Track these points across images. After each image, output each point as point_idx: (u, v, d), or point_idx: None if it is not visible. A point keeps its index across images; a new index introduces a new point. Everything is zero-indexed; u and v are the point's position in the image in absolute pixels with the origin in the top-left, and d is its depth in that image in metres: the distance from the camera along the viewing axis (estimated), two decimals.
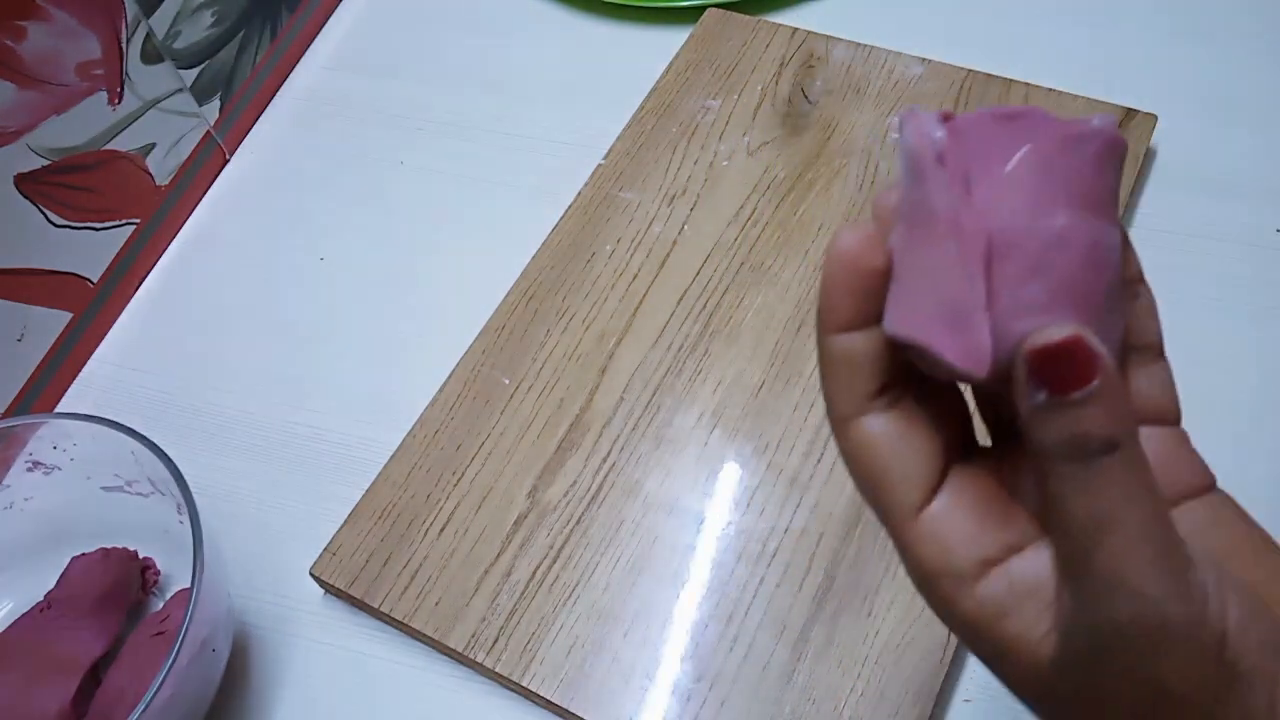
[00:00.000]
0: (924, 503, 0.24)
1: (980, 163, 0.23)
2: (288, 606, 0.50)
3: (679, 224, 0.59)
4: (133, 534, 0.50)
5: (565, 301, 0.56)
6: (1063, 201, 0.22)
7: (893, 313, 0.24)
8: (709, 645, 0.46)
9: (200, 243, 0.65)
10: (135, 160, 0.61)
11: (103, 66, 0.57)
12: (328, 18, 0.74)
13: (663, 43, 0.67)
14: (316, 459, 0.55)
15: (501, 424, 0.53)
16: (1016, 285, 0.22)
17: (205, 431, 0.56)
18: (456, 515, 0.50)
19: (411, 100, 0.69)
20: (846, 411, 0.25)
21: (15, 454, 0.48)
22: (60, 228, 0.57)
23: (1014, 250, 0.22)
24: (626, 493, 0.50)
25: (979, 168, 0.23)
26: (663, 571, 0.48)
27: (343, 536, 0.50)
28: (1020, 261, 0.22)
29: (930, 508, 0.24)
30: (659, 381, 0.53)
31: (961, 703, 0.45)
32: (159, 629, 0.46)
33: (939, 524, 0.24)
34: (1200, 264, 0.56)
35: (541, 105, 0.67)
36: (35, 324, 0.56)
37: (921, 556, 0.24)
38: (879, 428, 0.24)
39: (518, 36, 0.71)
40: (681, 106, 0.63)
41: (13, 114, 0.53)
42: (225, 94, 0.67)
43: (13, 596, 0.50)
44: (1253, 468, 0.49)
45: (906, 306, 0.24)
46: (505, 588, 0.48)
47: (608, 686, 0.45)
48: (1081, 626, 0.22)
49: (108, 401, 0.58)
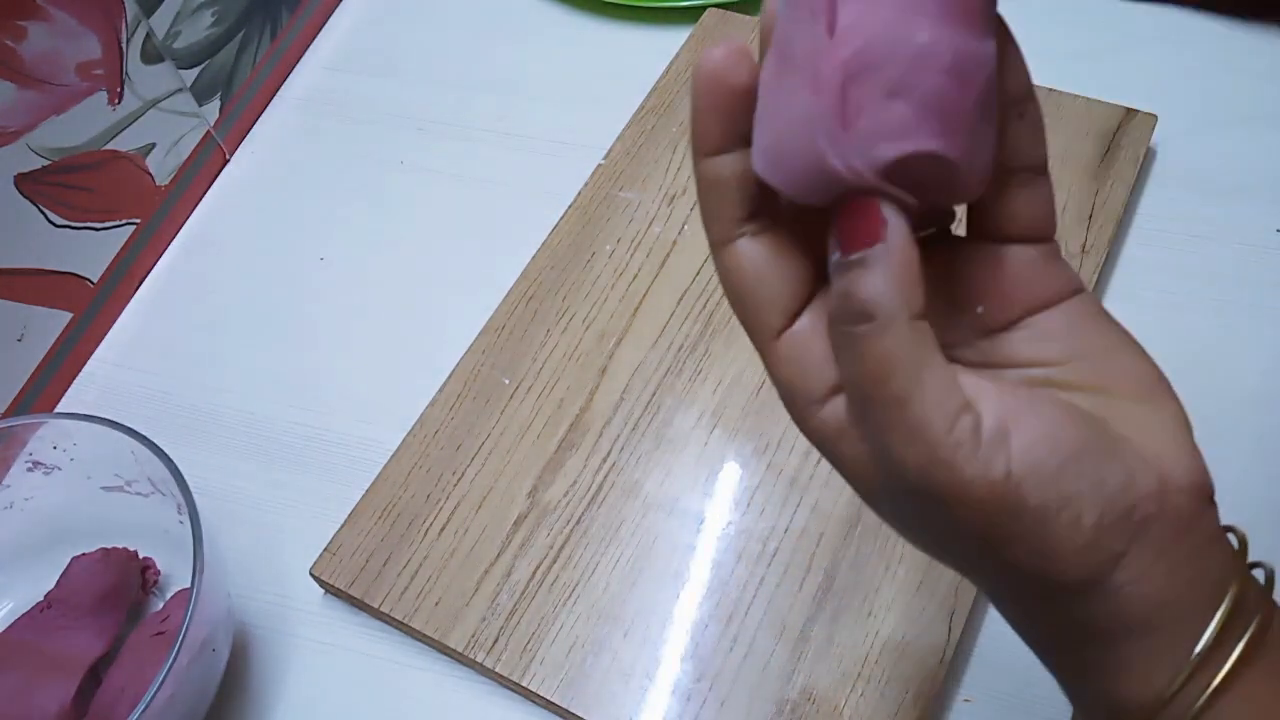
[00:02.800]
0: (786, 325, 0.25)
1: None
2: (288, 606, 0.50)
3: (679, 224, 0.59)
4: (133, 534, 0.50)
5: (565, 301, 0.56)
6: (928, 15, 0.21)
7: (754, 146, 0.24)
8: (709, 645, 0.46)
9: (200, 243, 0.65)
10: (135, 160, 0.61)
11: (103, 66, 0.57)
12: (328, 18, 0.74)
13: (663, 43, 0.67)
14: (316, 459, 0.55)
15: (501, 424, 0.53)
16: (877, 109, 0.21)
17: (205, 431, 0.56)
18: (456, 515, 0.50)
19: (411, 100, 0.69)
20: (719, 236, 0.26)
21: (15, 454, 0.48)
22: (60, 228, 0.57)
23: (873, 72, 0.21)
24: (626, 493, 0.50)
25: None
26: (663, 571, 0.48)
27: (343, 536, 0.50)
28: (880, 83, 0.21)
29: (791, 330, 0.25)
30: (659, 381, 0.53)
31: (961, 703, 0.45)
32: (159, 629, 0.46)
33: (796, 348, 0.25)
34: (1200, 264, 0.56)
35: (541, 105, 0.67)
36: (35, 324, 0.56)
37: (778, 376, 0.26)
38: (747, 252, 0.25)
39: (518, 36, 0.71)
40: (681, 106, 0.63)
41: (13, 114, 0.53)
42: (225, 94, 0.67)
43: (13, 596, 0.50)
44: (1253, 467, 0.49)
45: (763, 139, 0.24)
46: (505, 588, 0.48)
47: (608, 686, 0.45)
48: (880, 467, 0.24)
49: (108, 401, 0.58)
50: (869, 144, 0.22)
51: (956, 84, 0.22)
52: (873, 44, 0.21)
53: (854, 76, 0.21)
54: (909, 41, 0.21)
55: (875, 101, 0.21)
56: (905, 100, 0.21)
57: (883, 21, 0.21)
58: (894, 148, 0.21)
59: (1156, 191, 0.59)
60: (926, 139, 0.21)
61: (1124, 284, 0.55)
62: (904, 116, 0.21)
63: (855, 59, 0.21)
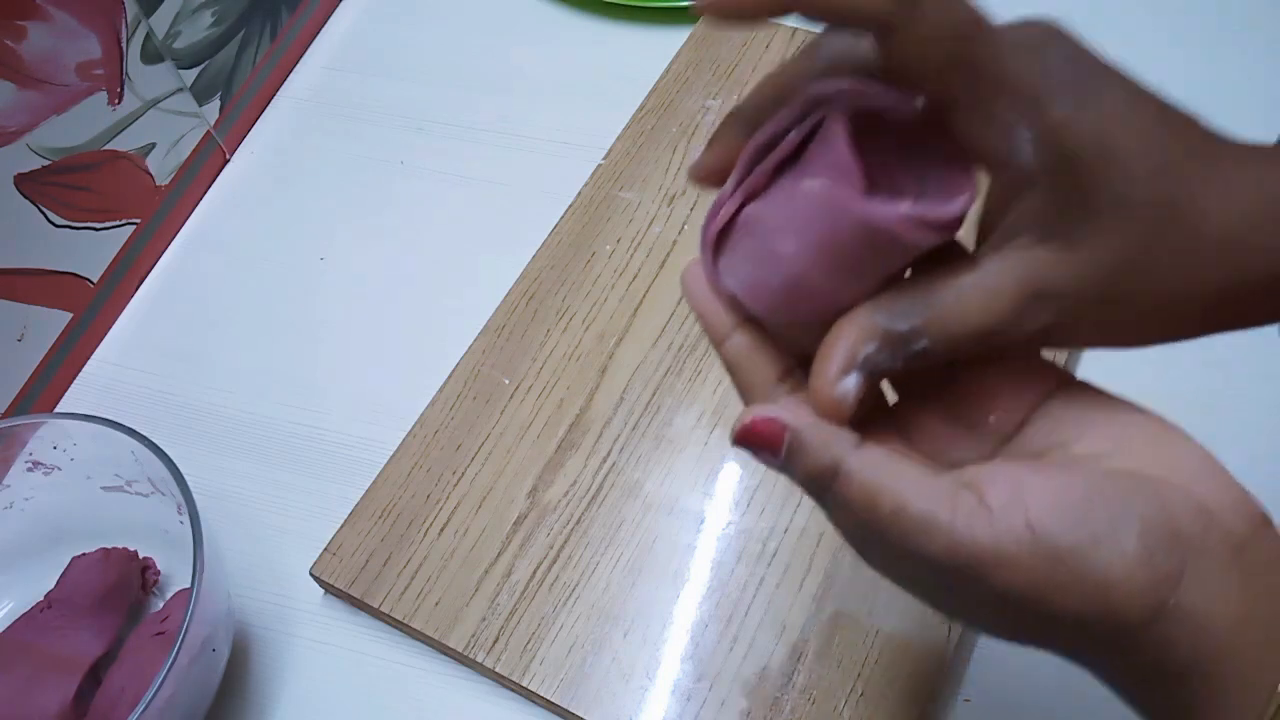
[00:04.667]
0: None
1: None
2: (288, 606, 0.50)
3: (679, 224, 0.59)
4: (133, 534, 0.50)
5: (565, 301, 0.56)
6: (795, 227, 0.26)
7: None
8: (709, 645, 0.46)
9: (200, 243, 0.65)
10: (135, 160, 0.61)
11: (103, 66, 0.57)
12: (328, 18, 0.74)
13: (663, 43, 0.67)
14: (316, 459, 0.55)
15: (501, 424, 0.53)
16: (737, 259, 0.28)
17: (205, 431, 0.56)
18: (456, 515, 0.50)
19: (411, 100, 0.69)
20: (758, 402, 0.29)
21: (15, 454, 0.48)
22: (60, 228, 0.57)
23: (749, 227, 0.27)
24: (626, 493, 0.50)
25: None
26: (663, 571, 0.48)
27: (343, 536, 0.50)
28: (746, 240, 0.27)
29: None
30: (659, 381, 0.53)
31: (962, 703, 0.45)
32: (159, 629, 0.46)
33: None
34: None
35: (541, 105, 0.67)
36: (35, 324, 0.56)
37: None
38: (736, 346, 0.29)
39: (518, 36, 0.71)
40: (681, 106, 0.63)
41: (13, 114, 0.53)
42: (225, 94, 0.67)
43: (13, 596, 0.50)
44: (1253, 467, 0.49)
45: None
46: (505, 588, 0.48)
47: (608, 686, 0.45)
48: (932, 580, 0.26)
49: (108, 401, 0.58)
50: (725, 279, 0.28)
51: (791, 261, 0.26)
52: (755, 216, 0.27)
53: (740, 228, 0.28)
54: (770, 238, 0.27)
55: (739, 253, 0.28)
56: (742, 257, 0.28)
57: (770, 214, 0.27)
58: (734, 286, 0.28)
59: None
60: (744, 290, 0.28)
61: None
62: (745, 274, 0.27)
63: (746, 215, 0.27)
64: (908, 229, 0.24)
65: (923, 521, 0.24)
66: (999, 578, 0.24)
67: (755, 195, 0.26)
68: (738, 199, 0.27)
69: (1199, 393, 0.50)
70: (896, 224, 0.24)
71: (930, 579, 0.26)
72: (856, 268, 0.25)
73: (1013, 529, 0.23)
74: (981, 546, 0.24)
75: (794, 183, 0.25)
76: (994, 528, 0.24)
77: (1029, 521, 0.24)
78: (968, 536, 0.24)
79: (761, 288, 0.27)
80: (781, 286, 0.26)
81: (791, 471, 0.26)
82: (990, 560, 0.24)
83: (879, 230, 0.24)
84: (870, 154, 0.25)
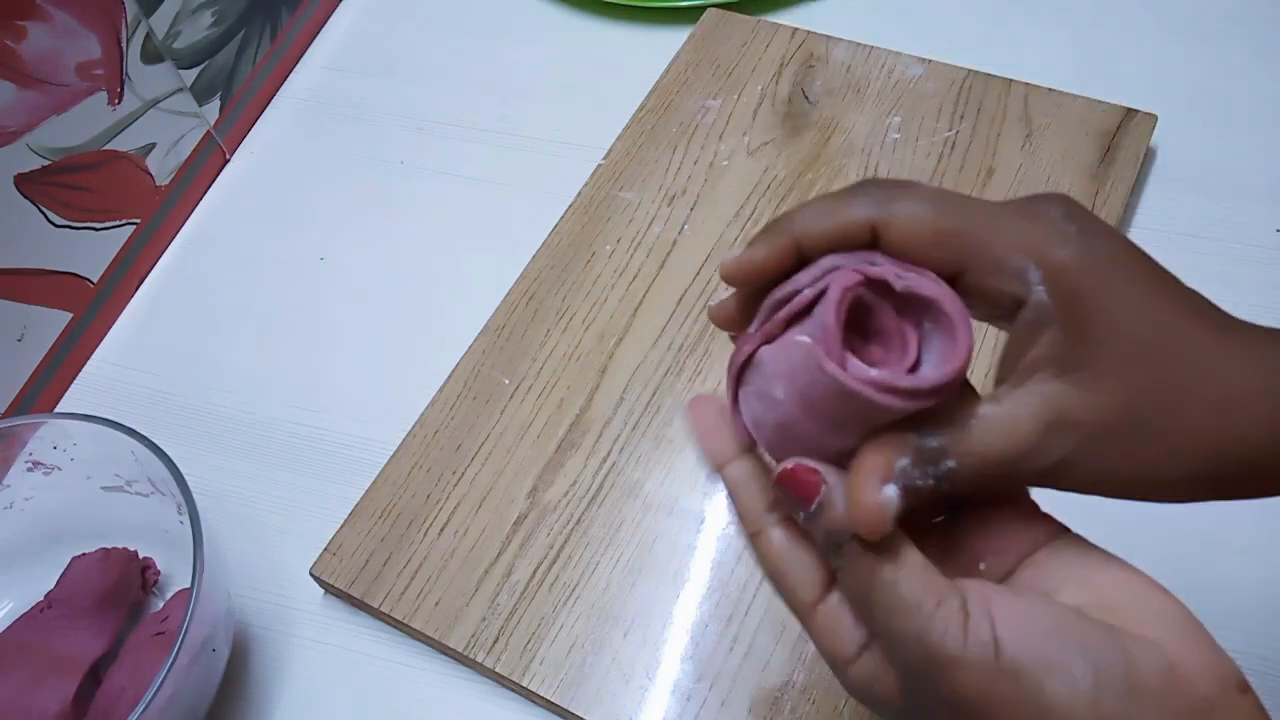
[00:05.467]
0: (818, 599, 0.29)
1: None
2: (288, 606, 0.50)
3: (679, 224, 0.59)
4: (133, 534, 0.50)
5: (565, 301, 0.56)
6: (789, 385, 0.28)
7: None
8: (709, 645, 0.46)
9: (200, 243, 0.65)
10: (135, 160, 0.61)
11: (103, 66, 0.57)
12: (328, 18, 0.74)
13: (663, 43, 0.67)
14: (316, 459, 0.55)
15: (501, 424, 0.53)
16: (749, 393, 0.30)
17: (205, 431, 0.56)
18: (456, 515, 0.50)
19: (411, 100, 0.69)
20: (752, 528, 0.30)
21: (15, 454, 0.48)
22: (60, 228, 0.57)
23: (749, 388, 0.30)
24: (626, 493, 0.50)
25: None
26: (663, 571, 0.48)
27: (343, 536, 0.50)
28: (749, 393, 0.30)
29: (824, 604, 0.29)
30: (659, 381, 0.53)
31: None
32: (159, 629, 0.46)
33: (829, 617, 0.29)
34: (1200, 264, 0.55)
35: (542, 105, 0.67)
36: (35, 324, 0.56)
37: (819, 643, 0.29)
38: (777, 539, 0.29)
39: (518, 36, 0.71)
40: (681, 106, 0.63)
41: (13, 114, 0.53)
42: (225, 94, 0.67)
43: (13, 596, 0.50)
44: None
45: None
46: (505, 588, 0.48)
47: (608, 686, 0.45)
48: (899, 675, 0.27)
49: (108, 401, 0.58)
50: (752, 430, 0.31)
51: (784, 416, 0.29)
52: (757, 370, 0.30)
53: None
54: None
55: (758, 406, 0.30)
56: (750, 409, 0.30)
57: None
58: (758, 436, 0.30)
59: (1156, 191, 0.59)
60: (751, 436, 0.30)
61: None
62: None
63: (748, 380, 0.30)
64: (876, 393, 0.26)
65: (909, 604, 0.26)
66: (957, 681, 0.25)
67: (769, 340, 0.29)
68: (756, 340, 0.29)
69: None
70: (863, 388, 0.26)
71: (905, 668, 0.27)
72: (837, 420, 0.28)
73: (979, 634, 0.25)
74: (950, 647, 0.25)
75: (793, 336, 0.28)
76: (963, 631, 0.25)
77: (995, 635, 0.25)
78: (940, 632, 0.25)
79: (762, 425, 0.29)
80: (775, 426, 0.29)
81: (816, 523, 0.27)
82: (953, 662, 0.25)
83: (849, 391, 0.26)
84: (879, 317, 0.28)
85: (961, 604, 0.26)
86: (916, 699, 0.27)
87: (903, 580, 0.26)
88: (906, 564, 0.26)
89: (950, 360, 0.27)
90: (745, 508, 0.30)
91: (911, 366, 0.27)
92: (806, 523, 0.28)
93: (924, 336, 0.28)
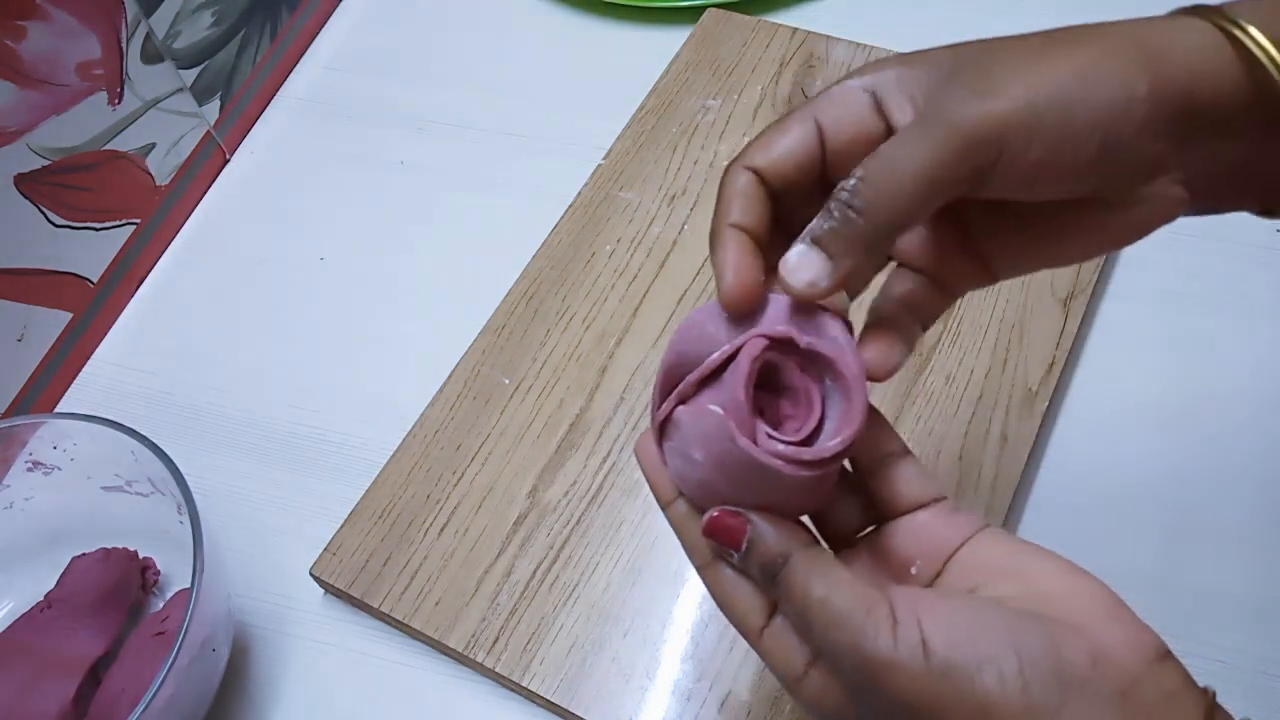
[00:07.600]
0: (764, 624, 0.30)
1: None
2: (288, 606, 0.50)
3: (679, 224, 0.59)
4: (133, 534, 0.50)
5: (565, 301, 0.56)
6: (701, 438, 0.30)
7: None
8: (709, 645, 0.46)
9: (200, 243, 0.65)
10: (135, 160, 0.61)
11: (103, 66, 0.57)
12: (328, 18, 0.74)
13: (663, 43, 0.67)
14: (316, 459, 0.55)
15: (501, 424, 0.53)
16: (671, 447, 0.31)
17: (205, 431, 0.56)
18: (456, 515, 0.50)
19: (411, 100, 0.69)
20: (700, 561, 0.31)
21: (15, 454, 0.48)
22: (60, 228, 0.57)
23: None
24: (626, 493, 0.50)
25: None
26: (663, 571, 0.48)
27: (343, 536, 0.50)
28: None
29: (770, 627, 0.30)
30: None
31: None
32: (159, 629, 0.46)
33: (776, 639, 0.30)
34: (1200, 264, 0.56)
35: (541, 105, 0.67)
36: (35, 324, 0.56)
37: (770, 663, 0.31)
38: (725, 570, 0.31)
39: (518, 36, 0.71)
40: (681, 106, 0.63)
41: (13, 114, 0.53)
42: (225, 94, 0.67)
43: (13, 596, 0.50)
44: (1252, 468, 0.49)
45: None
46: (505, 588, 0.48)
47: (608, 686, 0.45)
48: (845, 686, 0.29)
49: (108, 401, 0.58)
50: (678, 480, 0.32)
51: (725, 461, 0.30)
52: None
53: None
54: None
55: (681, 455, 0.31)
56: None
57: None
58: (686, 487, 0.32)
59: None
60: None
61: (1124, 284, 0.55)
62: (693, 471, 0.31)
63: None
64: (785, 466, 0.28)
65: (842, 616, 0.27)
66: (895, 683, 0.26)
67: (684, 400, 0.30)
68: (673, 401, 0.30)
69: (1199, 392, 0.50)
70: (773, 460, 0.28)
71: (847, 677, 0.28)
72: (753, 485, 0.29)
73: (909, 642, 0.27)
74: (882, 652, 0.27)
75: (706, 401, 0.29)
76: (894, 635, 0.27)
77: (924, 637, 0.27)
78: (873, 639, 0.27)
79: (686, 480, 0.31)
80: (697, 484, 0.30)
81: (750, 561, 0.29)
82: (888, 665, 0.26)
83: (760, 464, 0.28)
84: (785, 373, 0.30)
85: (889, 610, 0.27)
86: (867, 707, 0.28)
87: (833, 595, 0.28)
88: (835, 580, 0.28)
89: (848, 424, 0.29)
90: (690, 545, 0.31)
91: (818, 422, 0.29)
92: (741, 562, 0.30)
93: (826, 393, 0.30)
